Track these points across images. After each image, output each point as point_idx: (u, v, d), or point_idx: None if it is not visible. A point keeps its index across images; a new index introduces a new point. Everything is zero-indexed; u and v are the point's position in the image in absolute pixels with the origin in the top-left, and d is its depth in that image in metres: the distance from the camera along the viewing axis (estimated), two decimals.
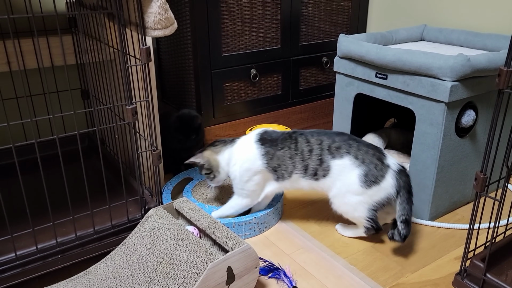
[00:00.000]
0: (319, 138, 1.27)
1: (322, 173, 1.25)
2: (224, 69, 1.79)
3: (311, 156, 1.25)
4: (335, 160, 1.24)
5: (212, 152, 1.36)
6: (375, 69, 1.50)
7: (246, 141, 1.33)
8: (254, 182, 1.30)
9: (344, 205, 1.27)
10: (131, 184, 1.39)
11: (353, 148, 1.24)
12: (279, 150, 1.27)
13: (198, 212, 1.20)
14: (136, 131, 1.21)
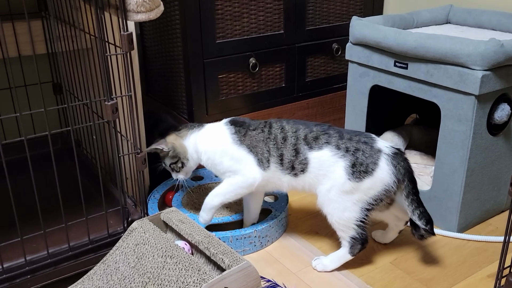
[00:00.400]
0: (295, 126, 1.28)
1: (300, 167, 1.25)
2: (219, 58, 1.79)
3: (285, 145, 1.26)
4: (313, 152, 1.24)
5: (176, 137, 1.37)
6: (394, 57, 1.50)
7: (215, 125, 1.37)
8: (237, 158, 1.30)
9: (330, 202, 1.24)
10: (111, 192, 1.39)
11: (333, 137, 1.24)
12: (251, 130, 1.30)
13: (189, 225, 1.20)
14: (117, 131, 1.21)
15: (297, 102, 2.05)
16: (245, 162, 1.29)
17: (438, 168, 1.45)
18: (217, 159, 1.32)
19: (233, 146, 1.30)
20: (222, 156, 1.31)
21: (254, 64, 1.86)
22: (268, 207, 1.50)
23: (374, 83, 1.60)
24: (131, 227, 1.19)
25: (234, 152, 1.29)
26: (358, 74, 1.65)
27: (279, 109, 2.01)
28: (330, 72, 2.12)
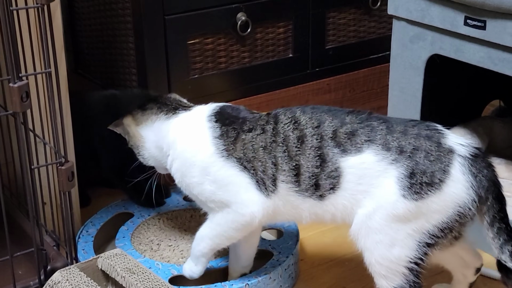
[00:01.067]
0: (317, 117, 1.27)
1: (328, 183, 1.24)
2: (189, 13, 1.79)
3: (302, 150, 1.24)
4: (349, 158, 1.23)
5: (133, 120, 1.40)
6: (464, 11, 1.51)
7: (195, 115, 1.37)
8: (223, 180, 1.29)
9: (370, 232, 1.23)
10: (20, 225, 1.39)
11: (378, 131, 1.23)
12: (245, 132, 1.29)
13: (143, 276, 1.20)
14: (29, 128, 1.21)
15: (312, 82, 2.06)
16: (236, 188, 1.28)
17: None
18: (192, 178, 1.32)
19: (216, 159, 1.29)
20: (201, 174, 1.30)
21: (244, 23, 1.86)
22: (268, 248, 1.50)
23: (433, 52, 1.61)
24: (51, 281, 1.18)
25: (217, 171, 1.29)
26: (407, 38, 1.66)
27: (284, 93, 2.01)
28: (363, 35, 2.13)
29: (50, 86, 1.17)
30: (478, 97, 1.96)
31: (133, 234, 1.56)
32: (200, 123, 1.34)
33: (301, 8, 1.97)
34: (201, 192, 1.31)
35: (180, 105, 1.40)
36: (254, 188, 1.27)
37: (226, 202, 1.29)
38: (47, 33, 1.13)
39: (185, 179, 1.33)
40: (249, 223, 1.29)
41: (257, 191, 1.27)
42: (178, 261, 1.47)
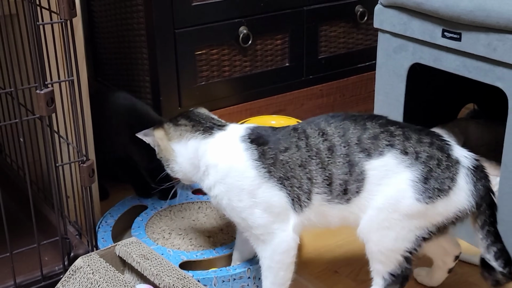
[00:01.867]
0: (341, 126, 1.24)
1: (355, 187, 1.21)
2: (196, 27, 1.79)
3: (333, 158, 1.21)
4: (372, 161, 1.20)
5: (165, 134, 1.33)
6: (442, 24, 1.50)
7: (227, 136, 1.30)
8: (265, 202, 1.23)
9: (380, 227, 1.22)
10: (46, 217, 1.38)
11: (397, 136, 1.21)
12: (282, 152, 1.24)
13: (156, 262, 1.20)
14: (54, 131, 1.21)
15: (307, 88, 2.06)
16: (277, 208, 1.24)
17: (505, 180, 1.45)
18: (240, 202, 1.25)
19: (260, 181, 1.23)
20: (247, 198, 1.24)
21: (245, 35, 1.86)
22: None
23: (414, 61, 1.60)
24: (74, 266, 1.18)
25: (262, 191, 1.23)
26: (391, 49, 1.65)
27: (281, 98, 2.01)
28: (352, 46, 2.12)
29: (73, 92, 1.16)
30: (455, 101, 1.96)
31: (147, 224, 1.56)
32: (237, 146, 1.26)
33: (297, 22, 1.97)
34: (249, 216, 1.25)
35: (214, 124, 1.32)
36: (290, 208, 1.24)
37: (270, 228, 1.25)
38: (70, 45, 1.13)
39: (232, 203, 1.26)
40: (291, 247, 1.26)
41: (292, 211, 1.24)
42: (187, 248, 1.47)
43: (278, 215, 1.24)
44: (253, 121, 1.89)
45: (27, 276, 1.21)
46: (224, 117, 1.88)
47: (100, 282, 1.13)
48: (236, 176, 1.25)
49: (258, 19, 1.88)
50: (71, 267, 1.19)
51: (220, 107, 1.89)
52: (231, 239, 1.49)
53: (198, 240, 1.50)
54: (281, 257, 1.26)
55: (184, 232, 1.54)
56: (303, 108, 2.06)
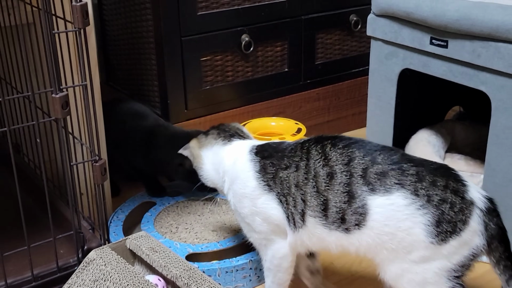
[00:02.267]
0: (348, 152, 1.13)
1: (354, 219, 1.11)
2: (201, 35, 1.79)
3: (331, 185, 1.12)
4: (377, 197, 1.09)
5: (197, 142, 1.34)
6: (430, 32, 1.50)
7: (241, 146, 1.29)
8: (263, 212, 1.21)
9: (405, 278, 1.12)
10: (61, 212, 1.39)
11: (409, 176, 1.09)
12: (282, 170, 1.19)
13: (163, 254, 1.20)
14: (68, 132, 1.21)
15: (304, 92, 2.06)
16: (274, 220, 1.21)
17: (488, 177, 1.46)
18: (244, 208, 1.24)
19: (260, 192, 1.21)
20: (249, 205, 1.23)
21: (247, 43, 1.86)
22: None
23: (404, 66, 1.60)
24: (87, 258, 1.19)
25: (262, 203, 1.21)
26: (383, 55, 1.65)
27: (281, 101, 2.01)
28: (346, 53, 2.12)
29: (86, 96, 1.17)
30: (442, 104, 1.96)
31: (156, 219, 1.56)
32: (244, 156, 1.25)
33: (295, 30, 1.97)
34: (252, 222, 1.24)
35: (236, 134, 1.32)
36: (286, 224, 1.19)
37: (269, 235, 1.23)
38: (83, 52, 1.13)
39: (239, 209, 1.26)
40: (286, 255, 1.23)
41: (287, 230, 1.20)
42: (193, 241, 1.47)
43: (277, 226, 1.21)
44: (254, 123, 1.89)
45: (43, 268, 1.22)
46: (227, 119, 1.89)
47: (111, 273, 1.13)
48: (240, 184, 1.24)
49: (259, 27, 1.88)
50: (84, 259, 1.19)
51: (224, 109, 1.90)
52: (234, 233, 1.49)
53: (203, 233, 1.50)
54: (279, 261, 1.25)
55: (190, 226, 1.54)
56: (301, 110, 2.06)
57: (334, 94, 2.13)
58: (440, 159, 1.68)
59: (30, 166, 1.61)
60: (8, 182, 1.51)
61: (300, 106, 2.06)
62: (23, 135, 1.61)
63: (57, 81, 1.11)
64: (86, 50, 1.14)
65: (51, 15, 1.12)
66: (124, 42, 1.96)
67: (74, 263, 1.24)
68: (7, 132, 1.13)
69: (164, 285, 1.20)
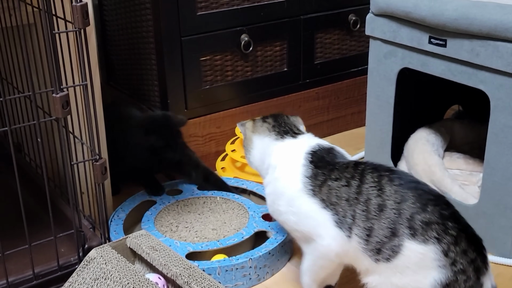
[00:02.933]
0: (403, 192, 1.14)
1: (387, 254, 1.13)
2: (201, 35, 1.79)
3: (379, 217, 1.13)
4: (413, 243, 1.10)
5: (253, 125, 1.37)
6: (429, 32, 1.51)
7: (293, 147, 1.30)
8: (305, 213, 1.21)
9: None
10: (62, 211, 1.39)
11: (449, 235, 1.10)
12: (332, 180, 1.20)
13: (164, 253, 1.20)
14: (69, 131, 1.21)
15: (304, 91, 2.06)
16: (315, 223, 1.20)
17: (487, 176, 1.46)
18: (280, 206, 1.26)
19: (302, 194, 1.22)
20: (286, 204, 1.24)
21: (246, 42, 1.86)
22: (267, 228, 1.50)
23: (403, 65, 1.61)
24: (88, 257, 1.19)
25: (301, 205, 1.22)
26: (382, 55, 1.65)
27: (280, 100, 2.01)
28: (345, 52, 2.12)
29: (86, 96, 1.17)
30: (441, 103, 1.96)
31: (156, 218, 1.56)
32: (297, 158, 1.26)
33: (294, 30, 1.97)
34: (286, 220, 1.26)
35: (290, 130, 1.33)
36: (333, 225, 1.18)
37: (307, 233, 1.22)
38: (83, 52, 1.13)
39: (274, 205, 1.28)
40: (326, 254, 1.21)
41: (336, 228, 1.17)
42: (193, 240, 1.47)
43: (316, 227, 1.20)
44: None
45: (44, 266, 1.22)
46: (227, 119, 1.90)
47: (112, 272, 1.14)
48: (283, 182, 1.26)
49: (259, 27, 1.88)
50: (85, 258, 1.19)
51: (223, 109, 1.90)
52: (233, 231, 1.49)
53: (203, 232, 1.51)
54: (319, 260, 1.24)
55: (190, 225, 1.54)
56: (300, 109, 2.06)
57: (333, 93, 2.13)
58: (439, 158, 1.68)
59: (31, 165, 1.62)
60: (9, 181, 1.52)
61: (299, 106, 2.06)
62: (24, 134, 1.61)
63: (58, 81, 1.11)
64: (86, 50, 1.14)
65: (51, 15, 1.13)
66: (124, 42, 1.96)
67: (75, 262, 1.24)
68: (8, 131, 1.13)
69: (164, 283, 1.20)
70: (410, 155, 1.72)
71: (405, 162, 1.75)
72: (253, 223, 1.52)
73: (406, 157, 1.75)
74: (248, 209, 1.58)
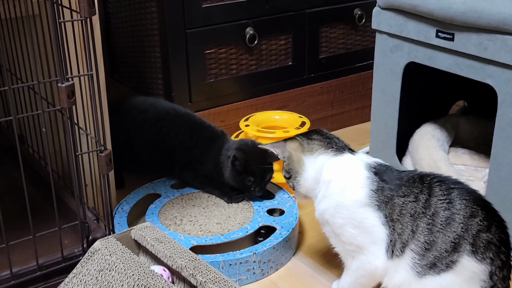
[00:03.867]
0: (473, 208, 1.12)
1: (440, 268, 1.12)
2: (206, 27, 1.79)
3: (445, 231, 1.12)
4: (471, 260, 1.10)
5: (299, 146, 1.28)
6: (436, 25, 1.50)
7: (354, 160, 1.25)
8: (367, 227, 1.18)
9: None
10: (66, 203, 1.39)
11: (500, 259, 1.11)
12: (399, 197, 1.17)
13: (169, 245, 1.20)
14: (74, 122, 1.21)
15: (308, 85, 2.06)
16: (372, 239, 1.18)
17: (494, 171, 1.45)
18: (339, 219, 1.21)
19: (367, 208, 1.18)
20: (347, 217, 1.20)
21: (251, 36, 1.86)
22: (272, 223, 1.50)
23: (409, 60, 1.60)
24: (92, 248, 1.19)
25: (364, 218, 1.18)
26: (388, 49, 1.65)
27: (285, 95, 2.01)
28: (351, 47, 2.12)
29: (92, 86, 1.16)
30: (446, 98, 1.96)
31: (160, 211, 1.56)
32: (360, 171, 1.21)
33: (299, 24, 1.97)
34: (343, 233, 1.21)
35: (346, 146, 1.27)
36: (384, 246, 1.17)
37: (361, 247, 1.19)
38: (89, 41, 1.13)
39: (332, 219, 1.22)
40: (373, 272, 1.19)
41: (384, 250, 1.17)
42: (197, 233, 1.47)
43: (371, 244, 1.18)
44: (258, 116, 1.89)
45: (48, 257, 1.22)
46: (231, 112, 1.90)
47: (117, 263, 1.13)
48: (345, 195, 1.20)
49: (264, 20, 1.88)
50: (90, 249, 1.19)
51: (228, 102, 1.90)
52: (237, 226, 1.49)
53: (207, 226, 1.50)
54: (363, 272, 1.21)
55: (194, 219, 1.53)
56: (304, 104, 2.06)
57: (338, 88, 2.13)
58: (444, 153, 1.68)
59: (35, 157, 1.61)
60: (14, 173, 1.52)
61: (303, 100, 2.06)
62: (27, 126, 1.61)
63: (63, 70, 1.11)
64: (92, 39, 1.13)
65: (57, 5, 1.12)
66: (129, 34, 1.96)
67: (79, 253, 1.24)
68: (13, 121, 1.12)
69: (169, 275, 1.20)
70: (415, 150, 1.72)
71: (410, 157, 1.75)
72: (258, 217, 1.51)
73: (411, 152, 1.74)
74: (253, 204, 1.58)
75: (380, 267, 1.18)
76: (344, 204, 1.20)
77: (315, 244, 1.54)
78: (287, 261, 1.48)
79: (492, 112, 1.43)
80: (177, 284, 1.20)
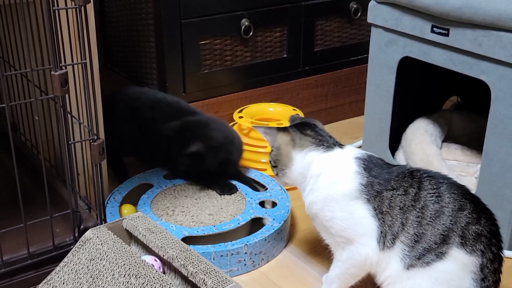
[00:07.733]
0: (461, 201, 1.14)
1: (429, 258, 1.14)
2: (201, 18, 1.78)
3: (434, 224, 1.14)
4: (461, 252, 1.12)
5: (290, 141, 1.27)
6: (431, 20, 1.50)
7: (343, 154, 1.25)
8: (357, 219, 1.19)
9: None
10: (58, 192, 1.38)
11: (491, 252, 1.13)
12: (388, 190, 1.18)
13: (160, 235, 1.20)
14: (67, 111, 1.20)
15: (303, 78, 2.06)
16: (362, 230, 1.19)
17: (485, 167, 1.46)
18: (328, 212, 1.21)
19: (356, 201, 1.19)
20: (337, 210, 1.21)
21: (247, 27, 1.86)
22: (264, 215, 1.50)
23: (404, 54, 1.60)
24: (84, 237, 1.19)
25: (355, 210, 1.19)
26: (383, 43, 1.65)
27: (279, 87, 2.01)
28: (346, 40, 2.12)
29: (85, 75, 1.16)
30: (440, 94, 1.96)
31: (152, 201, 1.56)
32: (349, 164, 1.22)
33: (295, 16, 1.96)
34: (332, 226, 1.22)
35: (336, 143, 1.27)
36: (375, 237, 1.17)
37: (351, 239, 1.20)
38: (83, 30, 1.13)
39: (321, 212, 1.23)
40: (363, 262, 1.20)
41: (375, 241, 1.18)
42: (189, 224, 1.47)
43: (361, 235, 1.19)
44: (252, 108, 1.89)
45: (40, 246, 1.21)
46: (225, 104, 1.89)
47: (108, 253, 1.13)
48: (335, 189, 1.21)
49: (259, 12, 1.88)
50: (81, 238, 1.19)
51: (222, 94, 1.89)
52: (229, 217, 1.49)
53: (199, 217, 1.50)
54: (352, 268, 1.23)
55: (186, 210, 1.53)
56: (299, 97, 2.06)
57: (332, 81, 2.13)
58: (437, 148, 1.68)
59: (27, 145, 1.61)
60: (5, 161, 1.51)
61: (298, 93, 2.06)
62: (20, 114, 1.60)
63: (57, 58, 1.10)
64: (86, 27, 1.13)
65: None
66: (123, 24, 1.95)
67: (70, 242, 1.24)
68: (6, 109, 1.12)
69: (160, 265, 1.20)
70: (408, 145, 1.72)
71: (403, 152, 1.75)
72: (250, 209, 1.51)
73: (404, 147, 1.75)
74: (245, 196, 1.58)
75: (370, 257, 1.19)
76: (333, 198, 1.20)
77: (306, 236, 1.55)
78: (278, 253, 1.48)
79: (485, 108, 1.44)
80: (168, 274, 1.20)
